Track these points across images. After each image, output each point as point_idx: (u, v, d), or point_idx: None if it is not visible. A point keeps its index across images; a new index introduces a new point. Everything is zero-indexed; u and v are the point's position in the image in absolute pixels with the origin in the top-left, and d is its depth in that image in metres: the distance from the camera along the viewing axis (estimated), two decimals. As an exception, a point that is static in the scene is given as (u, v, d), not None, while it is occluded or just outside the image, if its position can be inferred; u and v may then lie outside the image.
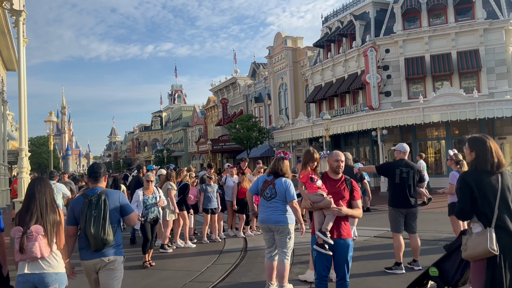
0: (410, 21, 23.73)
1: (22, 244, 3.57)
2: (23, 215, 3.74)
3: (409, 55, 23.25)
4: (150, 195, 8.15)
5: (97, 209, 4.06)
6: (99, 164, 4.55)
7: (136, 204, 7.92)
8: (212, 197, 10.54)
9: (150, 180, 8.31)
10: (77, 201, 4.25)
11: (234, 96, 43.15)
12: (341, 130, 23.00)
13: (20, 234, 3.62)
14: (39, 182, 3.91)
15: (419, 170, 7.12)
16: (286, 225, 5.68)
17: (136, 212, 4.87)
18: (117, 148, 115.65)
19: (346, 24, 26.71)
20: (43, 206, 3.76)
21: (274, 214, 5.71)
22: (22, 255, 3.60)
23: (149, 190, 8.22)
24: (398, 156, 7.22)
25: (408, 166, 7.02)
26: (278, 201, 5.71)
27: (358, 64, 25.40)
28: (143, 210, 7.97)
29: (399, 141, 22.94)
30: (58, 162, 58.62)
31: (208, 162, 27.59)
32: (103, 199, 4.10)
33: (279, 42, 33.53)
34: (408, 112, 19.50)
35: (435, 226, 10.57)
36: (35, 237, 3.63)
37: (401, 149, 7.19)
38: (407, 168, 6.99)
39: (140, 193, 8.10)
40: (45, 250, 3.66)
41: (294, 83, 32.62)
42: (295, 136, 27.36)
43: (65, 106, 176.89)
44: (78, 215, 4.12)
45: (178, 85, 67.46)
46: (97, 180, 4.31)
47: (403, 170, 6.98)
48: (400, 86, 23.53)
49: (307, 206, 4.61)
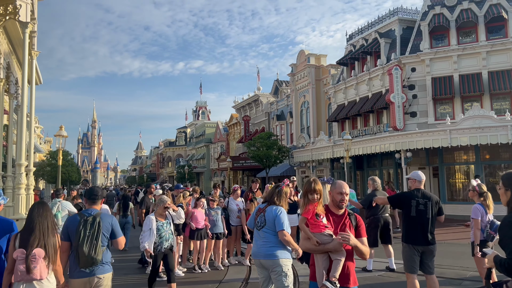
0: (438, 39, 22.74)
1: (28, 266, 3.81)
2: (25, 237, 3.94)
3: (437, 75, 22.19)
4: (163, 221, 7.02)
5: (91, 229, 4.31)
6: (98, 188, 4.86)
7: (148, 232, 6.78)
8: (216, 220, 9.85)
9: (166, 206, 7.12)
10: (73, 219, 4.48)
11: (256, 114, 42.69)
12: (363, 151, 22.00)
13: (23, 256, 3.84)
14: (40, 206, 4.14)
15: (438, 201, 6.27)
16: (277, 259, 4.89)
17: (123, 237, 4.82)
18: (143, 162, 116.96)
19: (371, 41, 25.92)
20: (45, 230, 3.99)
21: (264, 246, 4.98)
22: (22, 276, 3.81)
23: (163, 215, 7.13)
24: (413, 185, 6.39)
25: (425, 197, 6.18)
26: (268, 231, 5.01)
27: (383, 83, 24.47)
28: (157, 239, 6.82)
29: (425, 164, 21.76)
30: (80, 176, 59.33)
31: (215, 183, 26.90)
32: (98, 221, 4.36)
33: (302, 60, 32.97)
34: (434, 134, 18.40)
35: (461, 261, 9.48)
36: (37, 260, 3.86)
37: (416, 177, 6.35)
38: (424, 199, 6.15)
39: (152, 218, 6.92)
40: (44, 272, 3.90)
41: (317, 101, 31.87)
42: (315, 156, 26.46)
43: (95, 120, 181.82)
44: (72, 233, 4.33)
45: (202, 102, 67.75)
46: (94, 202, 4.62)
47: (419, 201, 6.14)
48: (427, 107, 22.43)
49: (311, 248, 3.81)
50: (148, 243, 6.67)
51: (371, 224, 9.06)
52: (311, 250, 3.84)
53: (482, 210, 6.49)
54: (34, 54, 12.81)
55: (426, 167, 21.90)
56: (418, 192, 6.24)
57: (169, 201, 7.30)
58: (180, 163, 61.82)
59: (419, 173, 6.43)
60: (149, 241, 6.68)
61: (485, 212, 6.49)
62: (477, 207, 6.48)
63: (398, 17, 24.86)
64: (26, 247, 3.88)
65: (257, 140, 29.62)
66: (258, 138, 29.85)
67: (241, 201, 11.07)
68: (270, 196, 5.29)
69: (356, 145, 22.42)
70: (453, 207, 19.33)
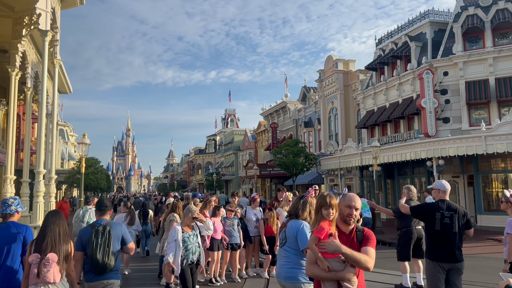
0: (471, 41, 21.69)
1: (40, 270, 4.04)
2: (39, 243, 4.20)
3: (471, 78, 21.13)
4: (190, 232, 6.48)
5: (103, 238, 4.71)
6: (106, 200, 5.30)
7: (173, 244, 6.21)
8: (232, 231, 9.47)
9: (194, 216, 6.55)
10: (85, 230, 4.90)
11: (284, 121, 42.26)
12: (393, 158, 21.15)
13: (37, 261, 4.09)
14: (54, 214, 4.43)
15: (465, 213, 5.67)
16: (298, 283, 4.31)
17: (133, 243, 5.17)
18: (174, 170, 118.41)
19: (401, 45, 25.07)
20: (56, 237, 4.24)
21: (285, 267, 4.43)
22: (37, 279, 4.05)
23: (190, 225, 6.58)
24: (437, 196, 5.82)
25: (451, 208, 5.60)
26: (289, 249, 4.46)
27: (414, 88, 23.56)
28: (183, 251, 6.23)
29: (459, 172, 20.70)
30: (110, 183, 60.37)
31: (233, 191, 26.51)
32: (108, 230, 4.78)
33: (330, 65, 32.36)
34: (468, 141, 17.42)
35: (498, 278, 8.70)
36: (50, 264, 4.09)
37: (440, 187, 5.79)
38: (450, 212, 5.57)
39: (179, 229, 6.32)
40: (57, 276, 4.13)
41: (345, 107, 31.13)
42: (343, 164, 25.71)
43: (130, 128, 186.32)
44: (86, 243, 4.72)
45: (231, 109, 67.94)
46: (104, 213, 5.08)
47: (444, 214, 5.57)
48: (460, 112, 21.37)
49: (320, 275, 3.26)
50: (172, 255, 6.12)
51: (403, 237, 8.44)
52: (319, 277, 3.29)
53: None
54: (57, 62, 12.92)
55: (460, 176, 20.82)
56: (443, 203, 5.67)
57: (198, 211, 6.69)
58: (210, 171, 62.03)
59: (443, 183, 5.86)
60: (173, 253, 6.11)
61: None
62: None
63: (429, 19, 23.95)
64: (40, 252, 4.13)
65: (284, 147, 29.14)
66: (285, 145, 29.36)
67: (259, 210, 10.69)
68: (294, 209, 4.71)
69: (385, 152, 21.60)
70: (489, 218, 18.24)
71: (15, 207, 4.68)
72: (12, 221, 4.63)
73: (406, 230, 8.33)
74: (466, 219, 5.65)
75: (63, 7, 13.61)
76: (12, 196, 6.48)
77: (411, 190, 8.44)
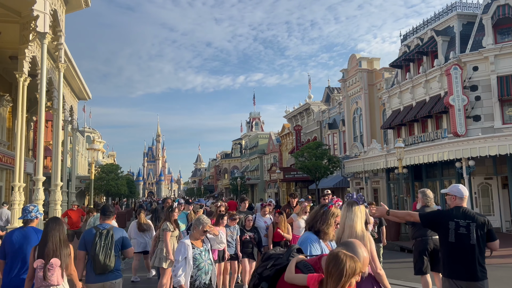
0: (503, 33, 20.25)
1: (45, 275, 4.43)
2: (42, 248, 4.57)
3: (503, 73, 19.69)
4: (201, 247, 5.37)
5: (106, 241, 5.12)
6: (110, 206, 5.76)
7: (183, 262, 5.06)
8: (231, 241, 8.75)
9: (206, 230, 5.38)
10: (90, 231, 5.29)
11: (308, 123, 41.29)
12: (419, 160, 19.93)
13: (42, 266, 4.46)
14: (53, 221, 4.83)
15: (485, 222, 4.77)
16: None
17: (132, 248, 5.61)
18: (202, 174, 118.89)
19: (427, 40, 23.78)
20: (57, 242, 4.60)
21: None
22: (42, 282, 4.44)
23: (200, 240, 5.42)
24: (453, 203, 4.96)
25: (468, 216, 4.74)
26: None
27: (441, 85, 22.23)
28: (194, 271, 5.14)
29: (492, 174, 19.32)
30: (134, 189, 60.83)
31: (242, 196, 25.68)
32: (111, 234, 5.20)
33: (354, 64, 31.24)
34: (501, 140, 16.10)
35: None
36: (54, 268, 4.49)
37: (456, 193, 4.92)
38: (467, 221, 4.71)
39: (188, 244, 5.19)
40: (60, 279, 4.54)
41: (370, 107, 29.92)
42: (368, 166, 24.58)
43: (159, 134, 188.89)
44: (89, 243, 5.12)
45: (256, 113, 67.41)
46: (108, 218, 5.49)
47: (460, 223, 4.72)
48: (492, 109, 19.94)
49: None
50: (184, 276, 5.04)
51: (418, 248, 7.48)
52: None
53: None
54: (61, 66, 12.64)
55: (493, 177, 19.42)
56: (458, 211, 4.81)
57: (209, 223, 5.50)
58: (235, 175, 61.63)
59: (460, 187, 4.98)
60: (185, 273, 5.05)
61: None
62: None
63: (456, 12, 22.59)
64: (43, 257, 4.50)
65: (306, 149, 28.23)
66: (306, 147, 28.44)
67: (269, 218, 10.01)
68: (312, 219, 3.85)
69: (411, 153, 20.42)
70: (526, 223, 16.81)
71: (35, 213, 5.25)
72: (32, 226, 5.21)
73: (421, 239, 7.35)
74: (488, 229, 4.76)
75: (68, 10, 13.37)
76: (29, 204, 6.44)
77: (426, 195, 7.48)
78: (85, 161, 45.42)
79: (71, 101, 22.05)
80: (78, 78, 20.81)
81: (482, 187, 19.74)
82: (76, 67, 19.44)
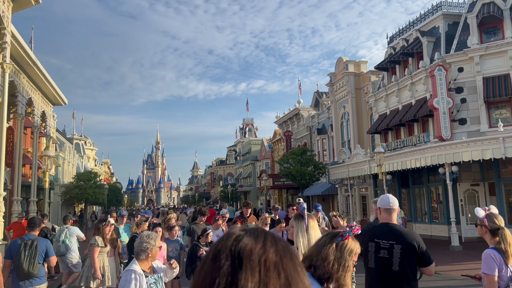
0: (488, 33, 19.41)
1: None
2: None
3: (489, 74, 18.81)
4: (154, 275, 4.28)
5: (30, 250, 5.61)
6: (36, 218, 6.30)
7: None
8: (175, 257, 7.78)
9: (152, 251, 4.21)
10: (15, 242, 5.78)
11: (298, 128, 40.39)
12: (401, 166, 18.96)
13: None
14: None
15: (416, 244, 3.83)
16: None
17: (55, 257, 6.10)
18: (198, 182, 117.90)
19: (412, 42, 22.94)
20: None
21: None
22: None
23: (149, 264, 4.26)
24: (380, 218, 4.05)
25: (392, 236, 3.82)
26: None
27: (427, 87, 21.34)
28: None
29: (478, 180, 18.37)
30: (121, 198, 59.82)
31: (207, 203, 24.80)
32: (35, 244, 5.71)
33: (341, 68, 30.38)
34: (484, 144, 15.17)
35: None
36: None
37: (382, 204, 4.01)
38: (390, 241, 3.79)
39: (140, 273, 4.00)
40: None
41: (357, 112, 29.02)
42: (352, 173, 23.62)
43: (159, 141, 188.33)
44: (15, 253, 5.61)
45: (249, 119, 66.48)
46: (33, 229, 5.94)
47: (380, 244, 3.80)
48: (479, 112, 19.04)
49: None
50: None
51: None
52: None
53: (500, 259, 3.93)
54: (7, 67, 11.74)
55: (480, 184, 18.46)
56: (382, 228, 3.90)
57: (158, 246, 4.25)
58: (228, 182, 60.63)
59: (389, 197, 4.04)
60: None
61: (504, 263, 3.93)
62: (488, 254, 3.91)
63: (442, 12, 21.77)
64: None
65: (290, 156, 27.29)
66: (291, 153, 27.51)
67: (221, 230, 9.05)
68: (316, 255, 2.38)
69: (396, 158, 19.48)
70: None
71: None
72: None
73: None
74: (419, 253, 3.82)
75: (16, 7, 12.56)
76: None
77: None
78: (72, 169, 44.52)
79: (42, 106, 21.21)
80: (48, 82, 19.99)
81: (468, 194, 18.77)
82: (44, 71, 18.64)
